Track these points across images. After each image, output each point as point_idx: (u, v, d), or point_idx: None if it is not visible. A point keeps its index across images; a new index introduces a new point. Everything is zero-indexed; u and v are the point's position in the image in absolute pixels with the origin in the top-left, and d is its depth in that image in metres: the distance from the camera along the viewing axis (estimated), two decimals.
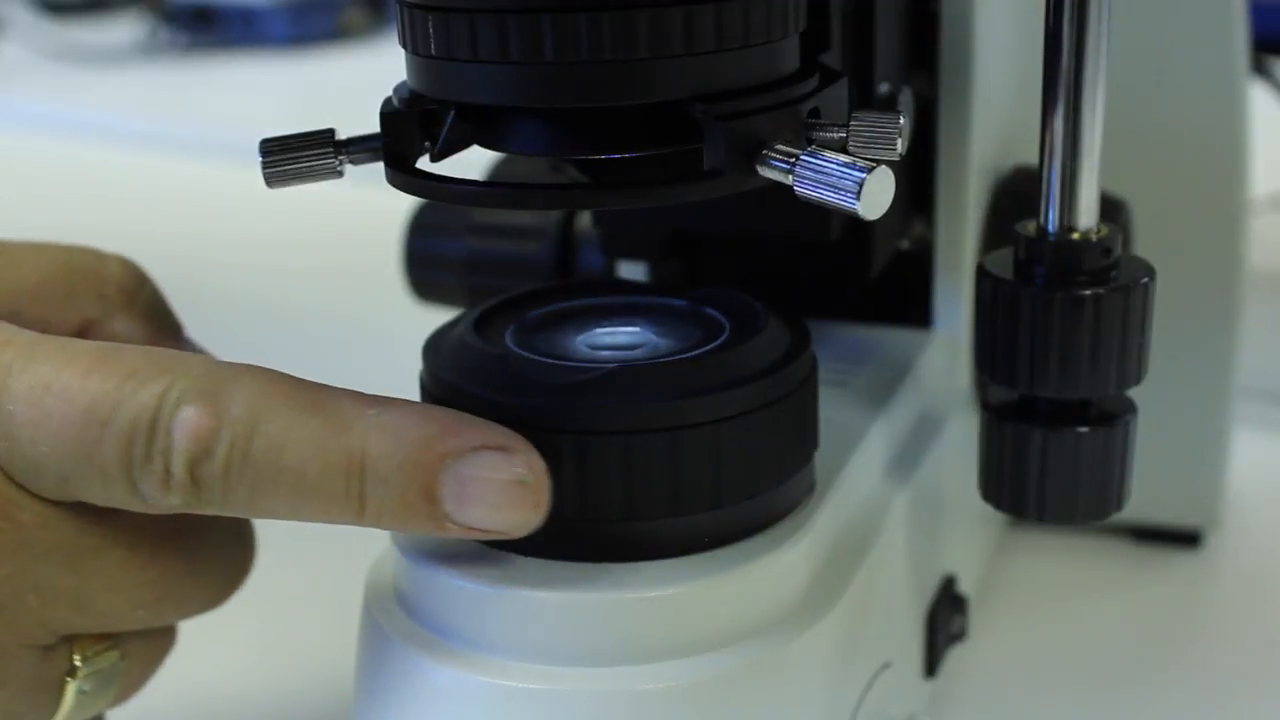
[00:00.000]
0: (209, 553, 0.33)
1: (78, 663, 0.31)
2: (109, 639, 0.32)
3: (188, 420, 0.28)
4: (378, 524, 0.29)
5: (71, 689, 0.31)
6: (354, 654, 0.33)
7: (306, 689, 0.44)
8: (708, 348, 0.31)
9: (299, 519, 0.29)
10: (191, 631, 0.45)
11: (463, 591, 0.30)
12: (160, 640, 0.34)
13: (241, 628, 0.47)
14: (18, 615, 0.30)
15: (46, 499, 0.30)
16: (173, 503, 0.29)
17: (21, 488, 0.29)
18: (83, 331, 0.36)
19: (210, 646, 0.46)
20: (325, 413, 0.28)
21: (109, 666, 0.32)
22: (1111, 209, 0.38)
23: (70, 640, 0.31)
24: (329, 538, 0.44)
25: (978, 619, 0.43)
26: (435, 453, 0.28)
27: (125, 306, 0.36)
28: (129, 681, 0.33)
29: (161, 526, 0.31)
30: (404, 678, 0.31)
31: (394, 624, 0.31)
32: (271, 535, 0.34)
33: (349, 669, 0.33)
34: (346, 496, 0.28)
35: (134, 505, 0.29)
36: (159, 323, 0.37)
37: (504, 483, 0.28)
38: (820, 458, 0.33)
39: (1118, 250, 0.33)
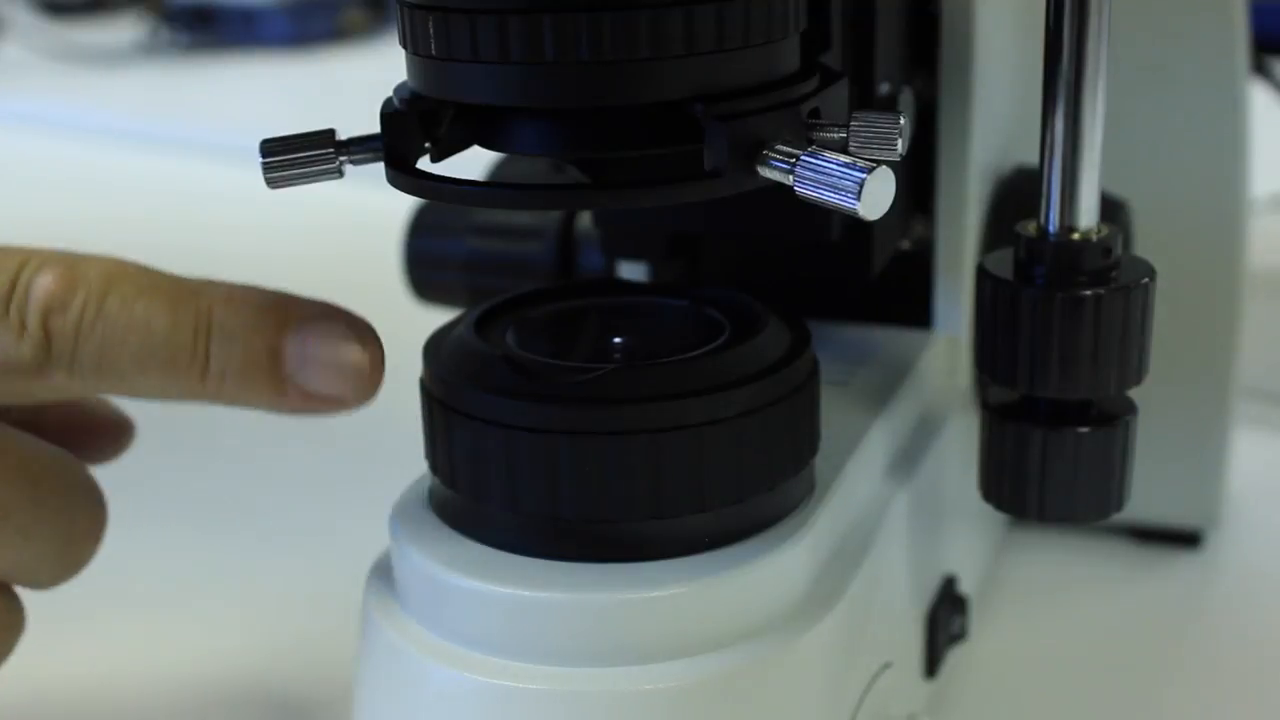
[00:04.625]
0: (51, 511, 0.32)
1: None
2: None
3: (45, 281, 0.30)
4: (219, 390, 0.31)
5: None
6: (354, 653, 0.33)
7: (307, 688, 0.44)
8: (708, 348, 0.31)
9: (144, 390, 0.31)
10: (192, 630, 0.45)
11: (463, 591, 0.30)
12: (7, 620, 0.34)
13: (242, 627, 0.47)
14: None
15: None
16: (24, 353, 0.30)
17: None
18: None
19: (210, 645, 0.46)
20: (175, 280, 0.31)
21: None
22: (1111, 209, 0.38)
23: None
24: (330, 537, 0.44)
25: (978, 619, 0.43)
26: (281, 314, 0.31)
27: None
28: None
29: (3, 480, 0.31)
30: (404, 678, 0.31)
31: (394, 624, 0.31)
32: (272, 535, 0.34)
33: (349, 669, 0.33)
34: (193, 356, 0.30)
35: None
36: None
37: (345, 347, 0.31)
38: (820, 458, 0.33)
39: (1118, 250, 0.33)
